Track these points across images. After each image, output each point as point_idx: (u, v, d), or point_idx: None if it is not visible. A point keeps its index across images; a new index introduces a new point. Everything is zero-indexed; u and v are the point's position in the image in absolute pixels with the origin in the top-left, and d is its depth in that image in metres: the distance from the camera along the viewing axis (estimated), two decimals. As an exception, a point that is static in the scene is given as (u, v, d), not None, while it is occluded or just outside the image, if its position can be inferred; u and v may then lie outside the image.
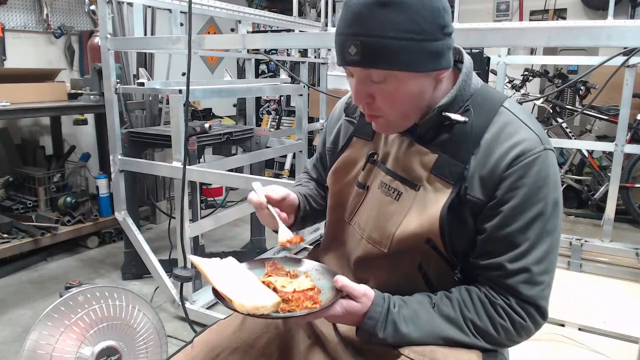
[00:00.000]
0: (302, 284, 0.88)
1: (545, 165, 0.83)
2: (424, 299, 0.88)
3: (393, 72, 0.80)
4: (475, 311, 0.85)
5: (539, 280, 0.84)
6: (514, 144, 0.83)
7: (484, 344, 0.85)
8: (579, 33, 1.31)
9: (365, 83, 0.84)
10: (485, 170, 0.84)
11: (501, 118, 0.87)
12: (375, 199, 0.96)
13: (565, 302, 2.23)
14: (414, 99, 0.85)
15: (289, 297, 0.83)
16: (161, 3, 2.57)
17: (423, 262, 0.91)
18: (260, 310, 0.79)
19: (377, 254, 0.94)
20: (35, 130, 3.43)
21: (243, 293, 0.82)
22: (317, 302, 0.83)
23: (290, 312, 0.81)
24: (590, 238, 2.98)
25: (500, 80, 3.06)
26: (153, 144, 2.59)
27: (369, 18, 0.77)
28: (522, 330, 0.85)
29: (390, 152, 0.95)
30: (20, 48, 3.29)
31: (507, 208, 0.83)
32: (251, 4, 5.29)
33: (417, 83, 0.83)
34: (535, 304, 0.84)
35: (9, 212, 2.89)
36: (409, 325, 0.85)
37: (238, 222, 3.34)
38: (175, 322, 2.28)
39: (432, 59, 0.81)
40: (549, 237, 0.84)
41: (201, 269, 0.89)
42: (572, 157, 3.98)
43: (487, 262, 0.86)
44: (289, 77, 3.29)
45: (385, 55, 0.78)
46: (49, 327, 1.49)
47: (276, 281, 0.89)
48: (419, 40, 0.78)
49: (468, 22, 1.72)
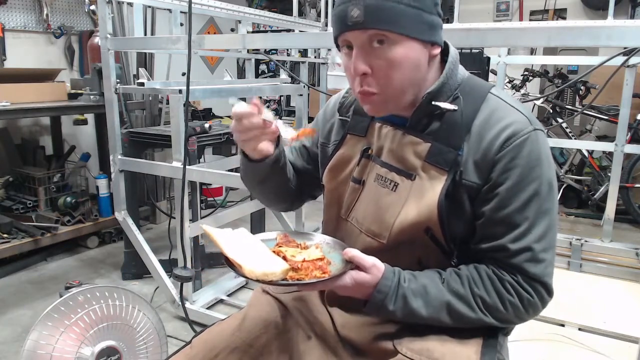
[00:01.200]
0: (312, 254, 0.88)
1: (536, 145, 0.85)
2: (434, 275, 0.89)
3: (393, 35, 0.82)
4: (484, 287, 0.86)
5: (541, 258, 0.85)
6: (504, 126, 0.85)
7: (491, 319, 0.86)
8: (579, 33, 1.32)
9: (365, 49, 0.84)
10: (479, 154, 0.86)
11: (489, 104, 0.89)
12: (371, 192, 0.97)
13: (565, 302, 2.23)
14: (411, 69, 0.86)
15: (298, 265, 0.83)
16: (161, 3, 2.57)
17: (422, 256, 0.92)
18: (269, 277, 0.80)
19: (376, 247, 0.94)
20: (35, 130, 3.43)
21: (253, 260, 0.83)
22: (326, 271, 0.83)
23: (299, 280, 0.81)
24: (590, 238, 2.98)
25: (500, 80, 3.06)
26: (153, 144, 2.60)
27: None
28: (530, 307, 0.87)
29: (384, 145, 0.96)
30: (20, 48, 3.29)
31: (503, 189, 0.85)
32: (251, 4, 5.29)
33: (414, 52, 0.85)
34: (541, 280, 0.86)
35: (9, 212, 2.89)
36: (418, 300, 0.85)
37: (238, 222, 3.33)
38: (175, 322, 2.28)
39: (429, 29, 0.85)
40: (547, 216, 0.86)
41: (213, 237, 0.89)
42: (572, 157, 3.98)
43: (489, 245, 0.87)
44: (289, 77, 3.29)
45: (387, 15, 0.81)
46: (49, 327, 1.49)
47: (286, 251, 0.90)
48: (418, 8, 0.83)
49: (468, 22, 1.72)
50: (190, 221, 2.20)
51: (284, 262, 0.84)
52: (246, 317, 1.03)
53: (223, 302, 2.44)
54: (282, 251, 0.89)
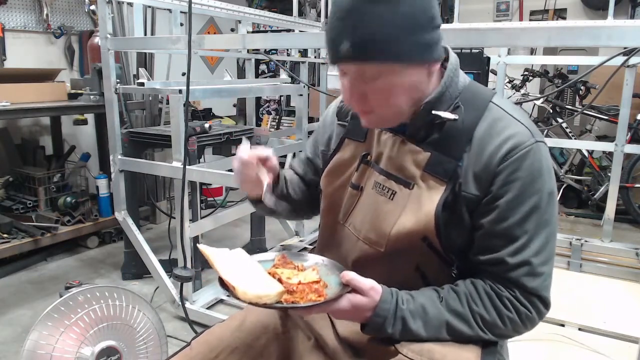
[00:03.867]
0: (308, 277, 0.87)
1: (537, 157, 0.84)
2: (432, 294, 0.88)
3: (387, 66, 0.80)
4: (482, 305, 0.86)
5: (539, 272, 0.85)
6: (505, 138, 0.84)
7: (489, 336, 0.86)
8: (579, 33, 1.31)
9: (358, 81, 0.84)
10: (479, 165, 0.85)
11: (491, 114, 0.88)
12: (369, 199, 0.96)
13: (565, 302, 2.23)
14: (408, 92, 0.85)
15: (294, 288, 0.82)
16: (161, 3, 2.57)
17: (420, 263, 0.91)
18: (263, 299, 0.78)
19: (373, 254, 0.94)
20: (35, 130, 3.43)
21: (247, 282, 0.81)
22: (321, 295, 0.81)
23: (294, 303, 0.79)
24: (590, 238, 2.98)
25: (500, 80, 3.05)
26: (153, 144, 2.59)
27: (360, 13, 0.78)
28: (528, 321, 0.86)
29: (383, 152, 0.96)
30: (20, 48, 3.29)
31: (503, 202, 0.84)
32: (251, 4, 5.29)
33: (410, 76, 0.83)
34: (539, 294, 0.85)
35: (9, 212, 2.89)
36: (417, 321, 0.85)
37: (238, 222, 3.34)
38: (175, 322, 2.28)
39: (424, 50, 0.82)
40: (546, 228, 0.85)
41: (209, 257, 0.89)
42: (572, 157, 3.98)
43: (488, 258, 0.87)
44: (289, 77, 3.29)
45: (378, 48, 0.79)
46: (49, 327, 1.49)
47: (282, 273, 0.88)
48: (410, 31, 0.79)
49: (468, 22, 1.72)
50: (190, 221, 2.20)
51: (279, 285, 0.82)
52: (246, 318, 1.03)
53: (223, 302, 2.44)
54: (277, 273, 0.87)
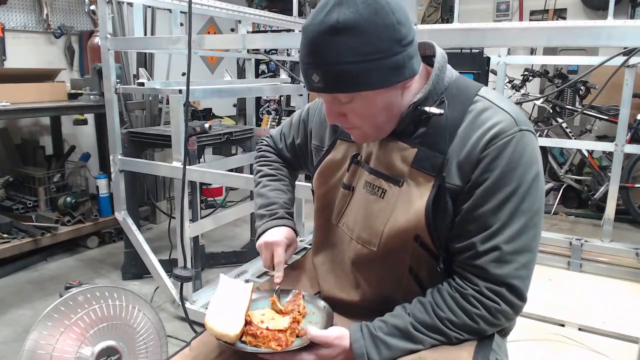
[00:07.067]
0: (280, 324, 0.91)
1: (519, 146, 0.84)
2: (400, 312, 0.89)
3: (358, 93, 0.82)
4: (448, 308, 0.86)
5: (509, 259, 0.83)
6: (489, 127, 0.85)
7: (466, 337, 0.86)
8: (579, 33, 1.31)
9: (334, 104, 0.87)
10: (462, 155, 0.85)
11: (477, 106, 0.88)
12: (361, 199, 0.97)
13: (565, 302, 2.23)
14: (384, 111, 0.87)
15: (257, 333, 0.89)
16: (161, 3, 2.58)
17: (413, 264, 0.92)
18: (224, 338, 0.88)
19: (367, 254, 0.94)
20: (35, 130, 3.43)
21: (219, 318, 0.90)
22: (281, 344, 0.87)
23: (256, 347, 0.88)
24: (590, 238, 2.97)
25: (500, 80, 3.06)
26: (153, 144, 2.59)
27: (324, 47, 0.79)
28: (499, 314, 0.85)
29: (372, 151, 0.97)
30: (20, 48, 3.29)
31: (481, 189, 0.84)
32: (251, 4, 5.29)
33: (383, 98, 0.85)
34: (506, 282, 0.83)
35: (9, 212, 2.89)
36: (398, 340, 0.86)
37: (238, 222, 3.34)
38: (175, 322, 2.28)
39: (393, 74, 0.82)
40: (524, 216, 0.84)
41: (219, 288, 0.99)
42: (572, 157, 3.98)
43: (461, 245, 0.87)
44: (289, 77, 3.29)
45: (346, 80, 0.80)
46: (49, 327, 1.49)
47: (263, 314, 0.95)
48: (376, 59, 0.79)
49: (468, 22, 1.72)
50: (190, 221, 2.20)
51: (239, 328, 0.88)
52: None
53: (223, 302, 2.44)
54: (249, 315, 0.93)
